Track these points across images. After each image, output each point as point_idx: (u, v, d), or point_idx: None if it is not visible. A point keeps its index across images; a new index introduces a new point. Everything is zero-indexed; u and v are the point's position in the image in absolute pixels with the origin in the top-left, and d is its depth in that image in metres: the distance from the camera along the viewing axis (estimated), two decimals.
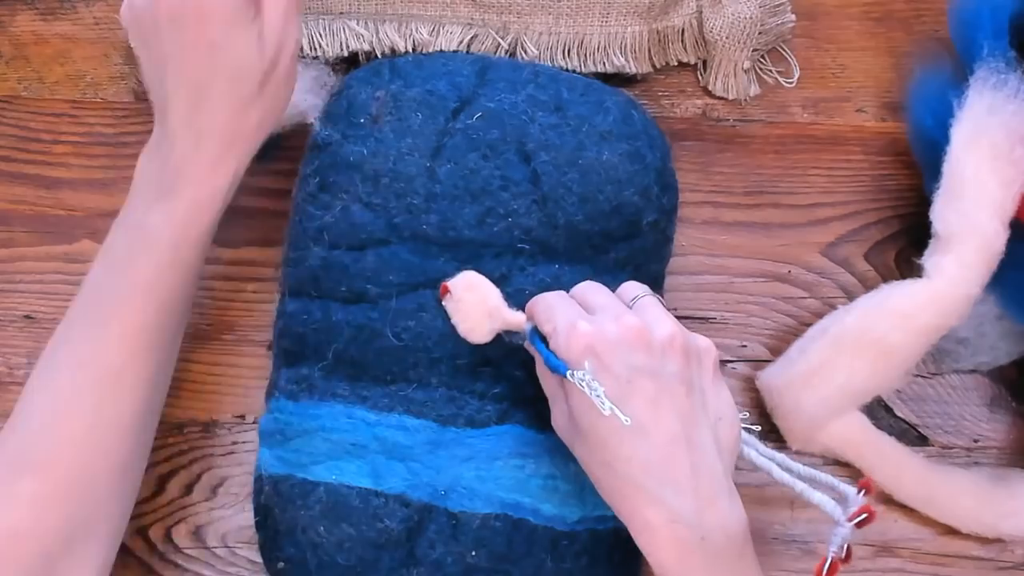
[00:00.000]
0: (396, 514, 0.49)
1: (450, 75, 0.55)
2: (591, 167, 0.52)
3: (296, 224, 0.54)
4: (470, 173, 0.52)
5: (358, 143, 0.53)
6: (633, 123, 0.54)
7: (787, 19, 0.63)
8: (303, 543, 0.49)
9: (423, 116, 0.53)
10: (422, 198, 0.52)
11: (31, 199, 0.61)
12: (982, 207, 0.51)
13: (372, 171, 0.52)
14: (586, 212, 0.52)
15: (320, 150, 0.55)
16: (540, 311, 0.45)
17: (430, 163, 0.52)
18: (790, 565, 0.54)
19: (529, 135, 0.53)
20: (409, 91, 0.54)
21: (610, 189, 0.52)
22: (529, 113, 0.53)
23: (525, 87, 0.54)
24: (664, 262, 0.56)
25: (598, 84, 0.56)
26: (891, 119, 0.64)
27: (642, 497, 0.41)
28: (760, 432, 0.56)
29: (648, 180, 0.53)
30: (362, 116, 0.54)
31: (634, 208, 0.53)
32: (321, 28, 0.61)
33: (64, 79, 0.64)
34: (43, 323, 0.58)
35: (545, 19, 0.60)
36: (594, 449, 0.42)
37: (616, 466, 0.41)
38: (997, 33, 0.52)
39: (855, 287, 0.59)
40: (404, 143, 0.53)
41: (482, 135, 0.53)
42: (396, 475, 0.49)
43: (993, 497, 0.54)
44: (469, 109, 0.53)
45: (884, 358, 0.52)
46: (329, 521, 0.49)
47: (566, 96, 0.54)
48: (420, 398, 0.50)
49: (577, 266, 0.52)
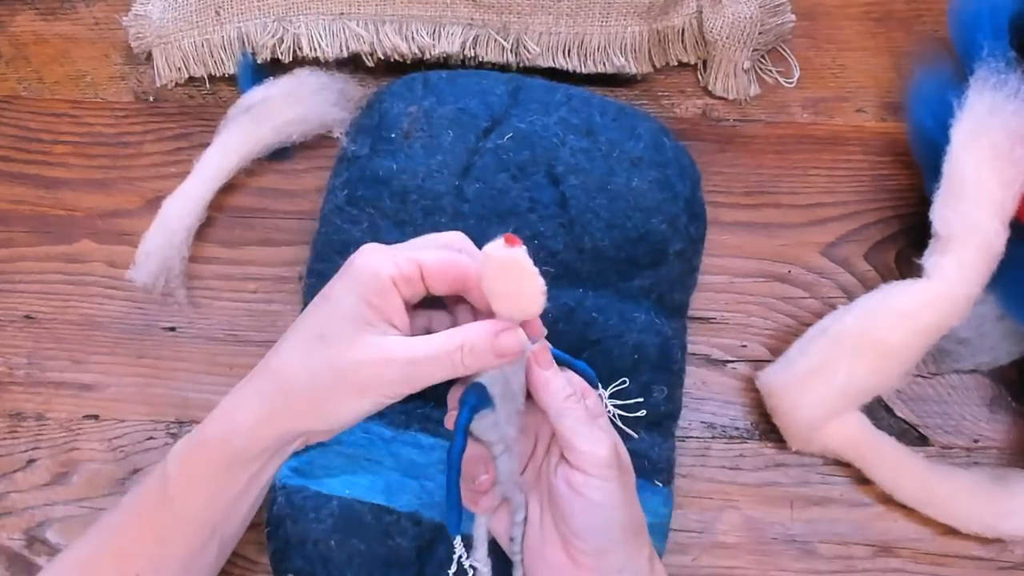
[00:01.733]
0: (407, 532, 0.49)
1: (483, 94, 0.54)
2: (620, 193, 0.52)
3: (323, 235, 0.54)
4: (498, 193, 0.52)
5: (388, 158, 0.53)
6: (664, 150, 0.54)
7: (787, 19, 0.63)
8: (313, 556, 0.49)
9: (454, 134, 0.53)
10: (449, 216, 0.52)
11: (31, 199, 0.61)
12: (982, 207, 0.51)
13: (401, 187, 0.52)
14: (612, 238, 0.52)
15: (349, 163, 0.55)
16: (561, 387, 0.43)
17: (459, 181, 0.52)
18: (790, 565, 0.54)
19: (559, 158, 0.52)
20: (441, 108, 0.54)
21: (638, 216, 0.52)
22: (560, 136, 0.53)
23: (558, 109, 0.54)
24: (689, 291, 0.56)
25: (631, 109, 0.56)
26: (891, 119, 0.64)
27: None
28: (760, 432, 0.56)
29: (676, 209, 0.53)
30: (393, 131, 0.54)
31: (661, 236, 0.53)
32: (321, 29, 0.61)
33: (64, 79, 0.64)
34: (43, 323, 0.58)
35: (545, 19, 0.60)
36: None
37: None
38: (997, 33, 0.52)
39: (855, 287, 0.59)
40: (434, 160, 0.52)
41: (512, 156, 0.52)
42: (409, 493, 0.49)
43: (993, 497, 0.54)
44: (500, 129, 0.53)
45: (884, 358, 0.52)
46: (340, 535, 0.49)
47: (598, 120, 0.54)
48: (437, 416, 0.50)
49: (601, 291, 0.52)
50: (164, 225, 0.57)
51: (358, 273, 0.41)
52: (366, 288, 0.40)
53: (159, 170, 0.61)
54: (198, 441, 0.43)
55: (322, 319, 0.41)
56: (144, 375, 0.57)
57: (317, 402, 0.41)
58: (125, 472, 0.55)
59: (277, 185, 0.61)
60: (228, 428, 0.43)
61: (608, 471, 0.41)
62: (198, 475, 0.43)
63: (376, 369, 0.40)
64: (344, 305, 0.40)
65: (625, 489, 0.42)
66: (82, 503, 0.54)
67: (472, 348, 0.40)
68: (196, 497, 0.43)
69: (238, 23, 0.61)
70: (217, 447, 0.43)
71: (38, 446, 0.55)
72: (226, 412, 0.43)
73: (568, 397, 0.42)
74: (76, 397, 0.57)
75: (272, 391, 0.42)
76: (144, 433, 0.56)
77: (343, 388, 0.41)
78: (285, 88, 0.60)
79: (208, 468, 0.43)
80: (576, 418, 0.41)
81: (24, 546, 0.53)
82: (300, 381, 0.41)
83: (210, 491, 0.43)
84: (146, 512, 0.44)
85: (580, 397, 0.42)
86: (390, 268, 0.40)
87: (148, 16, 0.62)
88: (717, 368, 0.58)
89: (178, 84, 0.63)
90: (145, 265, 0.56)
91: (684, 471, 0.54)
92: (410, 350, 0.40)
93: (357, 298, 0.40)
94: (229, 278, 0.59)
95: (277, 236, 0.60)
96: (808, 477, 0.56)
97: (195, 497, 0.43)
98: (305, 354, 0.41)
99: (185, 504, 0.43)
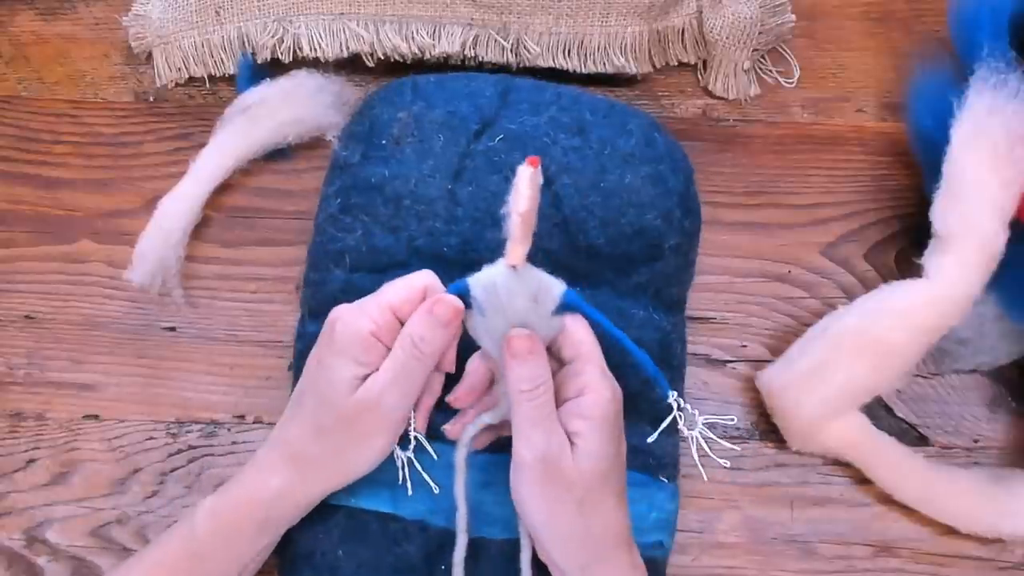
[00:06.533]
0: (415, 539, 0.49)
1: (472, 96, 0.54)
2: (613, 190, 0.52)
3: (318, 245, 0.54)
4: (491, 196, 0.52)
5: (380, 164, 0.53)
6: (656, 146, 0.54)
7: (787, 19, 0.63)
8: (322, 567, 0.49)
9: (445, 138, 0.53)
10: (443, 221, 0.52)
11: (31, 199, 0.61)
12: (982, 207, 0.51)
13: (394, 193, 0.52)
14: (607, 235, 0.52)
15: (341, 171, 0.55)
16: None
17: (451, 185, 0.52)
18: (790, 565, 0.54)
19: (551, 157, 0.52)
20: (431, 112, 0.53)
21: (632, 212, 0.52)
22: (551, 135, 0.53)
23: (547, 109, 0.54)
24: (686, 286, 0.56)
25: (621, 106, 0.56)
26: (891, 119, 0.64)
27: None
28: (760, 432, 0.56)
29: (670, 204, 0.53)
30: (384, 137, 0.54)
31: (656, 232, 0.52)
32: (321, 29, 0.61)
33: (64, 79, 0.64)
34: (43, 323, 0.58)
35: (545, 19, 0.60)
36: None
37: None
38: (997, 33, 0.52)
39: (855, 287, 0.59)
40: (426, 165, 0.52)
41: (504, 157, 0.52)
42: (415, 500, 0.49)
43: (993, 497, 0.54)
44: (491, 131, 0.53)
45: (884, 358, 0.52)
46: (348, 545, 0.49)
47: (589, 118, 0.54)
48: (439, 421, 0.49)
49: (598, 289, 0.52)
50: (160, 225, 0.57)
51: (341, 338, 0.44)
52: (353, 350, 0.44)
53: (159, 170, 0.61)
54: (232, 503, 0.46)
55: (325, 391, 0.44)
56: (144, 375, 0.57)
57: (335, 461, 0.45)
58: (125, 472, 0.55)
59: (276, 185, 0.61)
60: (257, 494, 0.46)
61: (531, 474, 0.42)
62: (231, 535, 0.46)
63: (374, 410, 0.44)
64: (338, 371, 0.44)
65: (559, 500, 0.42)
66: (82, 503, 0.54)
67: (420, 334, 0.43)
68: (227, 555, 0.46)
69: (238, 23, 0.61)
70: (252, 510, 0.46)
71: (38, 446, 0.55)
72: (255, 477, 0.46)
73: (523, 391, 0.42)
74: (76, 397, 0.57)
75: (293, 460, 0.45)
76: (144, 433, 0.56)
77: (354, 439, 0.44)
78: (282, 89, 0.60)
79: (242, 530, 0.46)
80: (522, 413, 0.42)
81: (24, 546, 0.53)
82: (317, 449, 0.45)
83: (241, 550, 0.46)
84: (173, 567, 0.46)
85: (539, 393, 0.42)
86: (368, 325, 0.44)
87: (148, 16, 0.62)
88: (717, 368, 0.58)
89: (178, 84, 0.63)
90: (141, 265, 0.56)
91: (684, 471, 0.54)
92: (386, 375, 0.44)
93: (346, 360, 0.44)
94: (229, 278, 0.59)
95: (277, 236, 0.60)
96: (808, 477, 0.56)
97: (226, 555, 0.46)
98: (318, 425, 0.45)
99: (215, 562, 0.46)
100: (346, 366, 0.44)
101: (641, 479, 0.50)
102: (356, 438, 0.44)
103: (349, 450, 0.45)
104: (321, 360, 0.45)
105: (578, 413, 0.42)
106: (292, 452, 0.46)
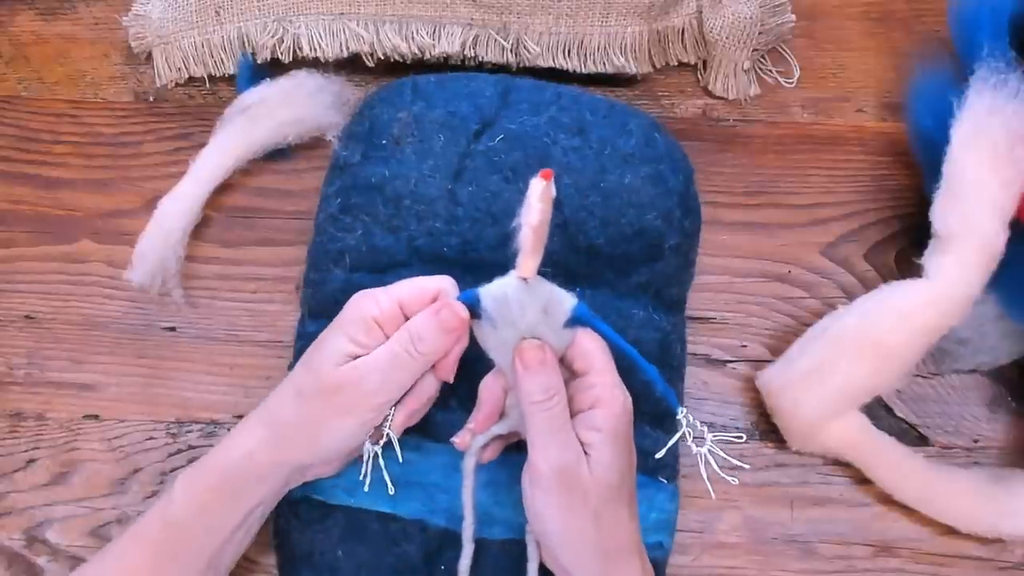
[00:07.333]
0: (414, 539, 0.49)
1: (472, 96, 0.54)
2: (613, 190, 0.52)
3: (318, 245, 0.54)
4: (491, 196, 0.52)
5: (380, 164, 0.53)
6: (656, 146, 0.54)
7: (787, 19, 0.63)
8: (321, 566, 0.49)
9: (445, 138, 0.53)
10: (443, 220, 0.52)
11: (31, 199, 0.61)
12: (982, 207, 0.51)
13: (394, 193, 0.52)
14: (607, 235, 0.52)
15: (342, 171, 0.55)
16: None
17: (451, 185, 0.52)
18: (790, 565, 0.54)
19: (551, 157, 0.52)
20: (431, 112, 0.53)
21: (632, 212, 0.52)
22: (551, 135, 0.53)
23: (548, 109, 0.54)
24: (686, 286, 0.56)
25: (621, 106, 0.56)
26: (891, 119, 0.64)
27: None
28: (760, 432, 0.56)
29: (671, 203, 0.53)
30: (384, 137, 0.54)
31: (656, 232, 0.52)
32: (321, 29, 0.61)
33: (64, 79, 0.64)
34: (43, 323, 0.58)
35: (545, 19, 0.60)
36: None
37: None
38: (997, 33, 0.52)
39: (855, 287, 0.59)
40: (426, 165, 0.52)
41: (504, 157, 0.52)
42: (414, 499, 0.49)
43: (993, 497, 0.54)
44: (491, 131, 0.53)
45: (884, 358, 0.52)
46: (347, 545, 0.49)
47: (589, 118, 0.54)
48: (439, 420, 0.50)
49: (599, 289, 0.52)
50: (160, 225, 0.57)
51: (344, 315, 0.45)
52: (353, 328, 0.45)
53: (159, 170, 0.61)
54: (206, 468, 0.46)
55: (314, 359, 0.45)
56: (144, 375, 0.57)
57: (307, 429, 0.45)
58: (125, 472, 0.55)
59: (276, 185, 0.61)
60: (228, 456, 0.46)
61: (547, 485, 0.42)
62: (206, 501, 0.46)
63: (354, 387, 0.44)
64: (332, 343, 0.45)
65: (574, 510, 0.42)
66: (82, 503, 0.54)
67: (419, 332, 0.44)
68: (202, 523, 0.45)
69: (238, 23, 0.61)
70: (218, 473, 0.46)
71: (38, 446, 0.55)
72: (229, 442, 0.47)
73: (535, 403, 0.42)
74: (76, 397, 0.57)
75: (268, 424, 0.46)
76: (144, 433, 0.56)
77: (329, 412, 0.45)
78: (282, 89, 0.60)
79: (209, 494, 0.45)
80: (536, 424, 0.42)
81: (24, 546, 0.53)
82: (293, 413, 0.45)
83: (216, 519, 0.45)
84: (148, 538, 0.46)
85: (553, 404, 0.42)
86: (372, 309, 0.45)
87: (148, 16, 0.62)
88: (717, 368, 0.58)
89: (178, 84, 0.63)
90: (141, 265, 0.56)
91: (684, 471, 0.54)
92: (375, 358, 0.44)
93: (343, 336, 0.45)
94: (229, 278, 0.59)
95: (277, 236, 0.60)
96: (808, 477, 0.56)
97: (201, 522, 0.45)
98: (298, 389, 0.45)
99: (191, 532, 0.45)
100: (341, 341, 0.45)
101: (641, 480, 0.50)
102: (330, 411, 0.45)
103: (322, 422, 0.45)
104: (323, 336, 0.46)
105: (591, 425, 0.42)
106: (269, 415, 0.46)
